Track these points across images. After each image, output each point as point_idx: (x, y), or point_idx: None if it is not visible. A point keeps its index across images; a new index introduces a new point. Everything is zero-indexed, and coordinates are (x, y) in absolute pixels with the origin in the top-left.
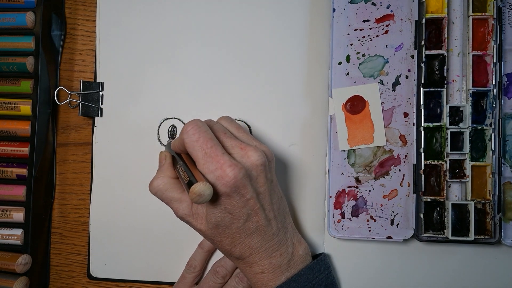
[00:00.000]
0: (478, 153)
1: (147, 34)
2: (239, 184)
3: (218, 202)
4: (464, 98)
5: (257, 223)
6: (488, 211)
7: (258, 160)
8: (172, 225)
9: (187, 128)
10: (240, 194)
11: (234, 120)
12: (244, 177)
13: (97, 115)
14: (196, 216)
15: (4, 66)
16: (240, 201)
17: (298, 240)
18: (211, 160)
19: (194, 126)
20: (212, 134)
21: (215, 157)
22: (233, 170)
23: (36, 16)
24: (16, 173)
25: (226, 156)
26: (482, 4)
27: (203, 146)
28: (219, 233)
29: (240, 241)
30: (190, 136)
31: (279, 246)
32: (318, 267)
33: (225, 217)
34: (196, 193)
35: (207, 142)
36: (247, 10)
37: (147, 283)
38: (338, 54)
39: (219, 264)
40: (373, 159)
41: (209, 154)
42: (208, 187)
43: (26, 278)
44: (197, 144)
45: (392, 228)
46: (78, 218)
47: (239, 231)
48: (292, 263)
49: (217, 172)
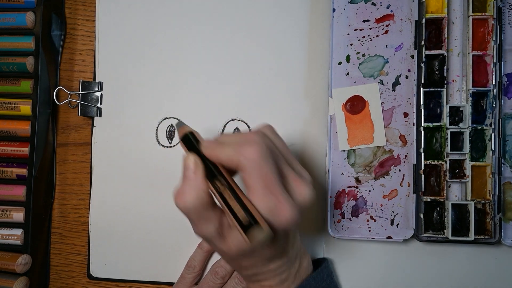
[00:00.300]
0: (478, 153)
1: (147, 34)
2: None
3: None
4: (464, 98)
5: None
6: (488, 211)
7: (310, 196)
8: (172, 225)
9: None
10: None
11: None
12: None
13: (96, 115)
14: (221, 238)
15: (4, 66)
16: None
17: (304, 252)
18: (271, 197)
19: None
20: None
21: (277, 194)
22: (293, 214)
23: (36, 16)
24: (16, 173)
25: (286, 195)
26: (482, 4)
27: (265, 178)
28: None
29: (261, 264)
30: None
31: (291, 265)
32: (321, 276)
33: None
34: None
35: (270, 175)
36: (247, 10)
37: (147, 283)
38: (338, 54)
39: (219, 265)
40: (373, 159)
41: (270, 189)
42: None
43: (26, 278)
44: (258, 173)
45: (392, 228)
46: (78, 218)
47: (265, 258)
48: (297, 275)
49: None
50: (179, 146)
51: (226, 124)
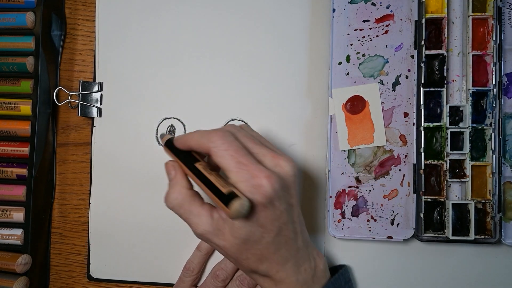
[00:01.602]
0: (478, 153)
1: (147, 34)
2: (275, 196)
3: (251, 215)
4: (464, 98)
5: (285, 236)
6: (488, 210)
7: (291, 170)
8: (172, 225)
9: (215, 138)
10: (274, 206)
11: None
12: (281, 188)
13: (96, 115)
14: (218, 232)
15: (4, 66)
16: (274, 213)
17: (318, 253)
18: (245, 169)
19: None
20: (242, 145)
21: (249, 165)
22: (270, 180)
23: (36, 16)
24: (16, 173)
25: (261, 166)
26: (482, 4)
27: (235, 155)
28: (246, 249)
29: (268, 257)
30: (219, 146)
31: (303, 261)
32: (339, 283)
33: (256, 231)
34: (236, 210)
35: (238, 151)
36: (247, 9)
37: (146, 284)
38: (338, 54)
39: (219, 267)
40: (373, 159)
41: (242, 163)
42: (247, 201)
43: (26, 278)
44: (227, 153)
45: (392, 228)
46: (78, 218)
47: (268, 246)
48: (315, 278)
49: (254, 181)
50: None
51: (226, 124)
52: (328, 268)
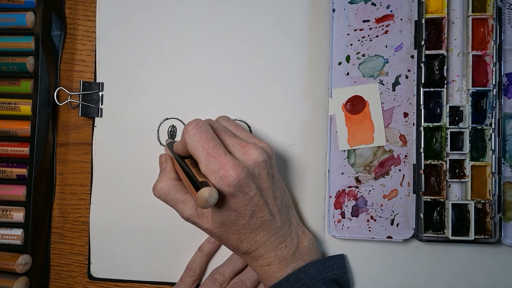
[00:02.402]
0: (478, 153)
1: (147, 34)
2: (242, 183)
3: (223, 202)
4: (464, 98)
5: (261, 218)
6: (488, 210)
7: (259, 157)
8: (172, 225)
9: (188, 128)
10: (243, 193)
11: (232, 119)
12: (247, 176)
13: (97, 115)
14: (201, 216)
15: (4, 66)
16: (244, 199)
17: (303, 231)
18: (214, 160)
19: (195, 126)
20: (213, 134)
21: (217, 157)
22: (236, 170)
23: (36, 16)
24: (16, 173)
25: (229, 156)
26: (482, 4)
27: (205, 146)
28: (225, 230)
29: (246, 236)
30: (191, 136)
31: (284, 239)
32: (330, 263)
33: (230, 215)
34: (202, 199)
35: (209, 142)
36: (247, 10)
37: (147, 283)
38: (338, 54)
39: (217, 271)
40: (373, 159)
41: (211, 154)
42: (214, 192)
43: (26, 278)
44: (199, 144)
45: (392, 228)
46: (78, 218)
47: (244, 227)
48: (297, 254)
49: (220, 172)
50: None
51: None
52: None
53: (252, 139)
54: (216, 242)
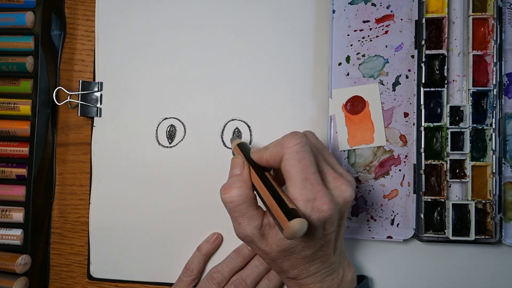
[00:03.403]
0: (479, 153)
1: (146, 34)
2: (329, 221)
3: None
4: (464, 98)
5: (324, 252)
6: (489, 211)
7: (351, 196)
8: (171, 225)
9: (290, 144)
10: (324, 229)
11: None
12: (336, 214)
13: (96, 115)
14: (263, 237)
15: (3, 66)
16: (321, 233)
17: (348, 264)
18: (311, 188)
19: (300, 144)
20: (313, 157)
21: (315, 186)
22: (330, 207)
23: (36, 16)
24: (15, 173)
25: (325, 189)
26: (482, 3)
27: (305, 170)
28: (284, 256)
29: (301, 267)
30: (293, 154)
31: (332, 272)
32: None
33: (298, 245)
34: (292, 231)
35: (310, 167)
36: (249, 8)
37: (146, 284)
38: (338, 55)
39: (216, 270)
40: (373, 159)
41: (309, 181)
42: (305, 225)
43: (26, 278)
44: (299, 165)
45: (392, 228)
46: (78, 218)
47: (304, 258)
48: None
49: (315, 203)
50: (179, 147)
51: (226, 124)
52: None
53: (339, 168)
54: (215, 242)
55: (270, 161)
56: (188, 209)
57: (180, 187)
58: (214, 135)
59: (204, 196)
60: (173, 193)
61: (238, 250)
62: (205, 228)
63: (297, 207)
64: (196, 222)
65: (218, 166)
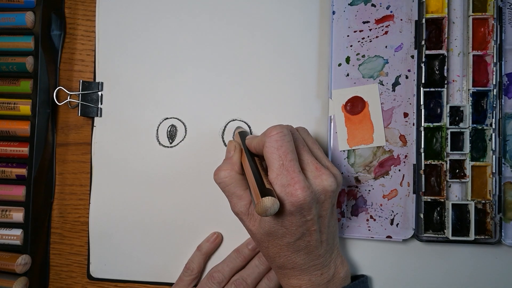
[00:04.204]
0: (479, 153)
1: (147, 34)
2: (304, 206)
3: (278, 215)
4: (464, 98)
5: (308, 242)
6: (489, 211)
7: (330, 186)
8: (172, 225)
9: (272, 132)
10: (302, 215)
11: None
12: (312, 201)
13: (96, 115)
14: (251, 216)
15: (3, 66)
16: (300, 220)
17: (342, 261)
18: (286, 174)
19: (279, 133)
20: (293, 147)
21: (291, 172)
22: (303, 192)
23: (36, 16)
24: (15, 173)
25: (301, 175)
26: (482, 4)
27: (282, 156)
28: (268, 240)
29: (286, 254)
30: (272, 142)
31: (321, 267)
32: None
33: (279, 230)
34: (263, 207)
35: (287, 154)
36: (251, 7)
37: (146, 284)
38: (337, 55)
39: (216, 269)
40: (372, 159)
41: (286, 167)
42: (276, 204)
43: (26, 278)
44: (277, 152)
45: (392, 227)
46: (78, 218)
47: (288, 246)
48: (331, 284)
49: (289, 188)
50: (179, 147)
51: (227, 124)
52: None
53: (326, 162)
54: (215, 241)
55: (257, 148)
56: (188, 209)
57: (180, 187)
58: (215, 135)
59: (204, 196)
60: (173, 193)
61: (239, 250)
62: (205, 228)
63: (274, 189)
64: (196, 222)
65: None
